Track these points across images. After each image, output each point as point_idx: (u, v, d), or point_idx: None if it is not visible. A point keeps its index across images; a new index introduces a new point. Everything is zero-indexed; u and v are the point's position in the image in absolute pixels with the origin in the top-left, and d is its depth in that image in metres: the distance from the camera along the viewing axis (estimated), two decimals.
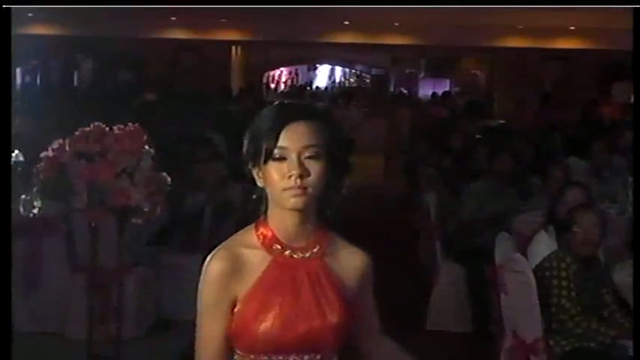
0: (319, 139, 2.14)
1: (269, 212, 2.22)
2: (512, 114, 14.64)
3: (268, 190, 2.17)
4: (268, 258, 2.18)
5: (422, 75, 24.24)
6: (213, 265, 2.17)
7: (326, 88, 27.90)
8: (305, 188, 2.11)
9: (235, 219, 6.74)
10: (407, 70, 25.51)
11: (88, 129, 4.57)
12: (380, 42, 18.34)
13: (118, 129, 4.59)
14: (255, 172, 2.19)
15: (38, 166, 4.62)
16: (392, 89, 25.29)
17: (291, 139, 2.12)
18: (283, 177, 2.11)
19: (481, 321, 6.33)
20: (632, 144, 7.01)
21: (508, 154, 7.31)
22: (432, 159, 9.46)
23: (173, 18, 16.63)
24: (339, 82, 29.49)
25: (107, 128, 4.60)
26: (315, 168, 2.12)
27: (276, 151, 2.12)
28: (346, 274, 2.24)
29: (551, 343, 4.58)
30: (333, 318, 2.16)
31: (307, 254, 2.20)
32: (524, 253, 5.09)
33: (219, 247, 2.21)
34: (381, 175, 15.48)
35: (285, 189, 2.11)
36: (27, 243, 6.29)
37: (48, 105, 12.76)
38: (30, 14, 15.43)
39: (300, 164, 2.11)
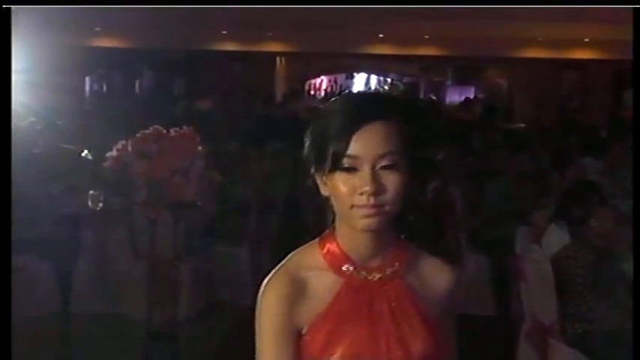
0: (399, 144, 1.57)
1: (337, 227, 1.65)
2: (531, 118, 14.53)
3: (334, 203, 1.61)
4: (339, 281, 1.64)
5: (449, 83, 24.12)
6: (273, 291, 1.63)
7: None
8: (381, 206, 1.56)
9: (277, 213, 6.75)
10: (435, 79, 25.41)
11: (147, 131, 4.60)
12: (411, 53, 18.32)
13: (174, 131, 4.62)
14: (318, 178, 1.62)
15: (104, 164, 4.67)
16: (422, 95, 25.22)
17: (365, 146, 1.54)
18: (353, 192, 1.55)
19: (503, 306, 6.30)
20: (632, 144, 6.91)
21: (525, 154, 7.26)
22: (458, 159, 9.39)
23: (224, 32, 16.69)
24: (374, 89, 29.47)
25: (164, 131, 4.62)
26: (393, 180, 1.56)
27: (344, 159, 1.55)
28: (431, 294, 1.69)
29: (566, 325, 4.55)
30: (417, 349, 1.62)
31: (384, 274, 1.65)
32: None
33: (278, 269, 1.66)
34: None
35: (354, 206, 1.56)
36: (94, 233, 6.38)
37: (113, 110, 12.91)
38: (97, 28, 15.58)
39: (375, 178, 1.54)
